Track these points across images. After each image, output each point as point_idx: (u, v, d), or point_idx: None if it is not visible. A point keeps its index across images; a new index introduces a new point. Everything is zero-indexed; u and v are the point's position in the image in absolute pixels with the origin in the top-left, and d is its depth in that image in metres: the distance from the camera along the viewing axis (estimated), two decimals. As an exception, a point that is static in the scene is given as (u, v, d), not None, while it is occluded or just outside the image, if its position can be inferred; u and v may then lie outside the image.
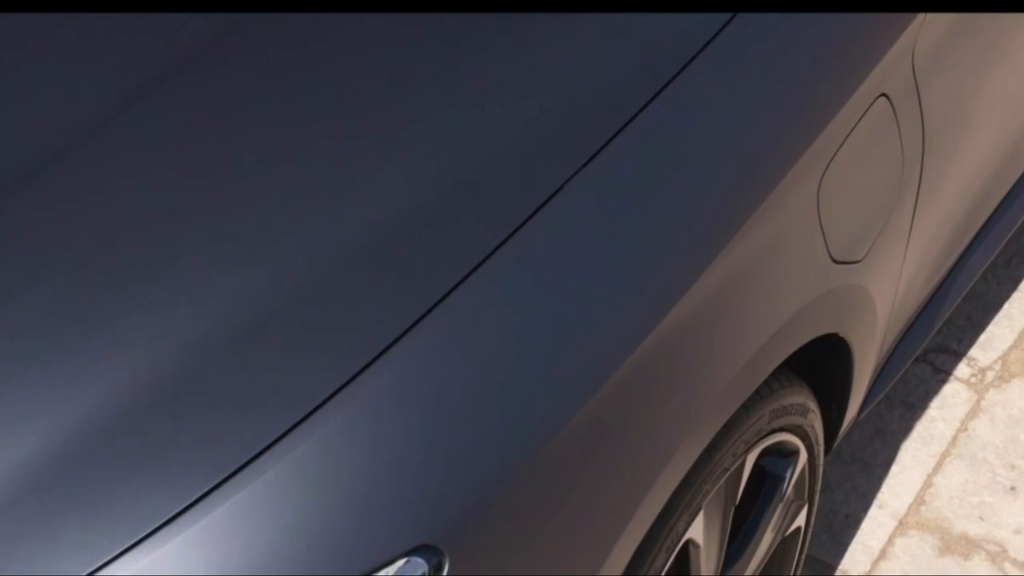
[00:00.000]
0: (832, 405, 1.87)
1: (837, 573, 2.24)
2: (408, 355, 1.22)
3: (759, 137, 1.47)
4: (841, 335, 1.66)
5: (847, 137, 1.54)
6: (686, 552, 1.53)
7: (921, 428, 2.49)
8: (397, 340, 1.22)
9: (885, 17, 1.59)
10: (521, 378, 1.25)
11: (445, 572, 1.17)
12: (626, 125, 1.41)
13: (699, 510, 1.49)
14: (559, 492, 1.26)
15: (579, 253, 1.33)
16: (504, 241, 1.30)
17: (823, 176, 1.50)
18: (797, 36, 1.52)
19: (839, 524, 2.32)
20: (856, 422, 2.05)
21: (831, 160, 1.51)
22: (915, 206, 1.77)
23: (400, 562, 1.16)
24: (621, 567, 1.34)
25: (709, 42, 1.46)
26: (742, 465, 1.57)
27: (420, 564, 1.16)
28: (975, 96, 1.87)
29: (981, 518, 2.33)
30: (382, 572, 1.15)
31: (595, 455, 1.29)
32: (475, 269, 1.27)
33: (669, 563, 1.46)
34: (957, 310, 2.67)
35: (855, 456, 2.44)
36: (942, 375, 2.61)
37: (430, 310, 1.24)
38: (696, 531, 1.51)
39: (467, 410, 1.22)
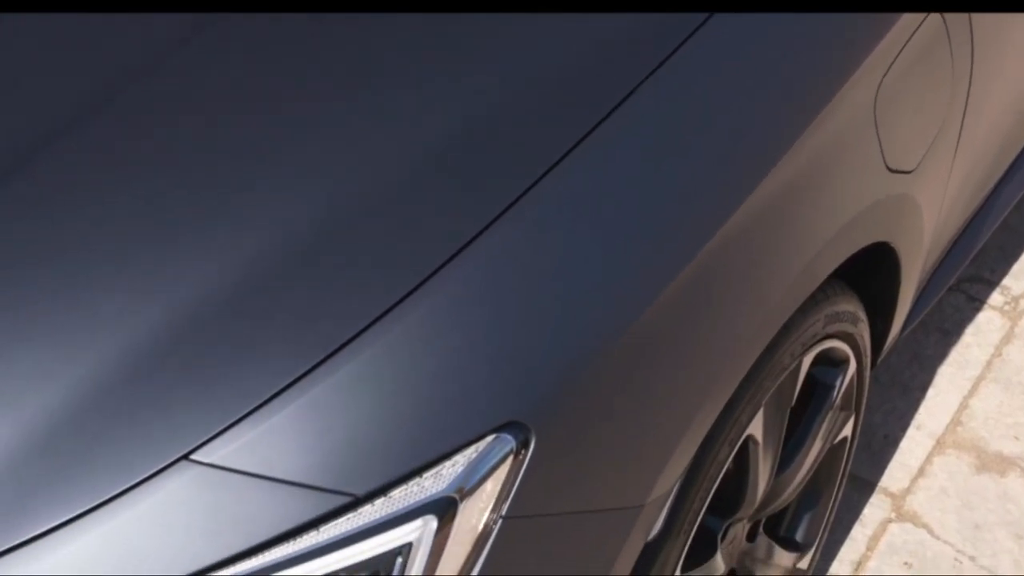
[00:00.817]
0: (877, 320, 1.92)
1: (878, 489, 2.31)
2: (488, 250, 1.28)
3: (818, 47, 1.52)
4: (891, 244, 1.71)
5: (902, 49, 1.59)
6: (746, 448, 1.59)
7: (956, 353, 2.55)
8: (478, 235, 1.28)
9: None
10: (594, 275, 1.31)
11: (531, 447, 1.24)
12: (685, 41, 1.46)
13: (759, 407, 1.55)
14: (634, 381, 1.32)
15: (645, 162, 1.38)
16: (571, 150, 1.35)
17: (880, 85, 1.55)
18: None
19: (878, 444, 2.39)
20: (899, 340, 2.11)
21: (887, 70, 1.56)
22: (962, 123, 1.82)
23: (489, 438, 1.22)
24: (690, 455, 1.41)
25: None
26: (798, 367, 1.63)
27: (508, 440, 1.23)
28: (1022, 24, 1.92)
29: (1016, 438, 2.40)
30: (472, 447, 1.22)
31: (665, 348, 1.35)
32: (544, 175, 1.33)
33: (731, 456, 1.53)
34: (990, 241, 2.73)
35: (893, 380, 2.50)
36: (976, 303, 2.67)
37: (505, 210, 1.30)
38: (756, 428, 1.57)
39: (547, 300, 1.28)
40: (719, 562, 1.68)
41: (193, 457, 1.18)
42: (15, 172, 1.38)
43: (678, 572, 1.53)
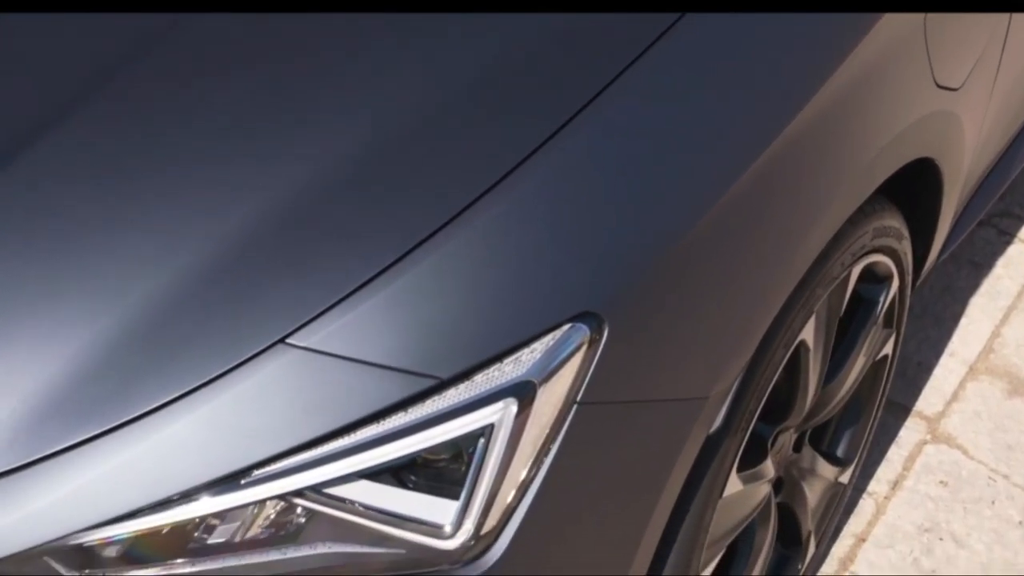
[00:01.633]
0: (917, 242, 1.98)
1: (913, 413, 2.37)
2: (565, 149, 1.33)
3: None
4: (936, 161, 1.77)
5: (950, -33, 1.64)
6: (798, 354, 1.65)
7: (988, 284, 2.61)
8: (554, 135, 1.33)
9: None
10: (663, 177, 1.36)
11: (604, 337, 1.30)
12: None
13: (811, 313, 1.61)
14: (699, 279, 1.38)
15: (709, 73, 1.44)
16: (641, 55, 1.41)
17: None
18: None
19: (913, 371, 2.45)
20: (935, 265, 2.17)
21: (936, -13, 1.62)
22: (1003, 46, 1.87)
23: (565, 327, 1.28)
24: (749, 352, 1.47)
25: None
26: (847, 278, 1.69)
27: (583, 329, 1.29)
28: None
29: (1047, 364, 2.46)
30: (550, 335, 1.28)
31: (727, 250, 1.40)
32: (616, 78, 1.38)
33: (786, 358, 1.59)
34: (1019, 177, 2.78)
35: (926, 310, 2.56)
36: (1006, 237, 2.72)
37: (580, 111, 1.36)
38: (808, 333, 1.63)
39: (619, 200, 1.33)
40: (769, 467, 1.74)
41: (289, 341, 1.24)
42: (100, 90, 1.44)
43: (734, 472, 1.60)
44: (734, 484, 1.61)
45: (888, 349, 1.99)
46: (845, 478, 2.07)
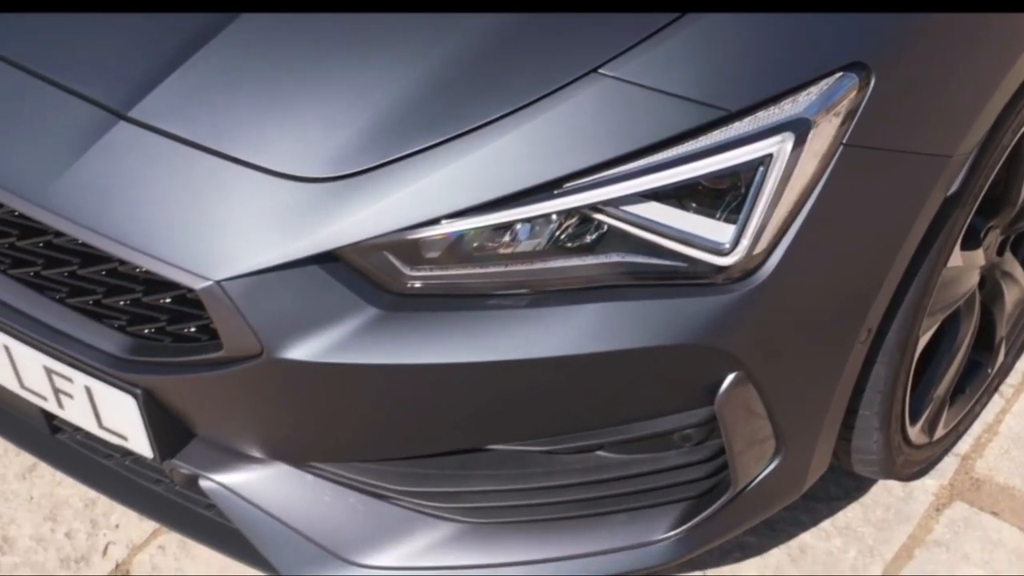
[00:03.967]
0: None
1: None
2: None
3: None
4: None
5: None
6: (1019, 150, 1.80)
7: None
8: None
9: None
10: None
11: (871, 86, 1.46)
12: None
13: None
14: (953, 47, 1.55)
15: None
16: None
17: None
18: None
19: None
20: None
21: None
22: None
23: (838, 74, 1.45)
24: (988, 124, 1.63)
25: None
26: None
27: (853, 77, 1.46)
28: None
29: None
30: (824, 80, 1.45)
31: (978, 28, 1.57)
32: None
33: (1013, 144, 1.74)
34: None
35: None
36: None
37: None
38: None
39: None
40: (980, 255, 1.89)
41: (602, 71, 1.43)
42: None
43: (957, 245, 1.75)
44: (956, 258, 1.76)
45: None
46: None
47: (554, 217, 1.45)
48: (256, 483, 1.68)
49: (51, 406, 1.70)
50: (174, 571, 1.99)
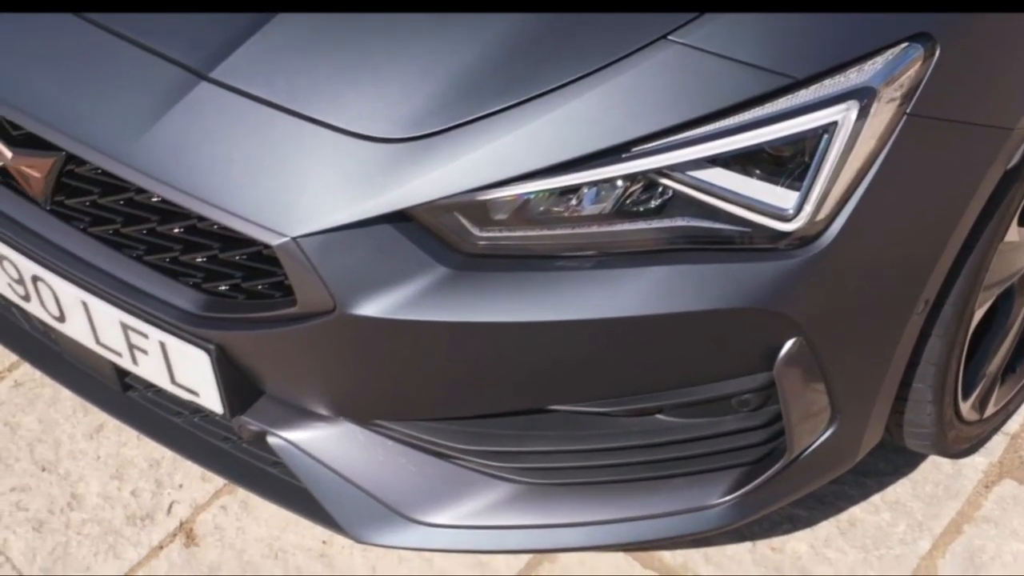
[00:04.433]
0: None
1: None
2: None
3: None
4: None
5: None
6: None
7: None
8: None
9: None
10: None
11: (935, 57, 1.49)
12: None
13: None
14: (1010, 25, 1.57)
15: None
16: None
17: None
18: None
19: None
20: None
21: None
22: None
23: (903, 44, 1.48)
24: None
25: None
26: None
27: (918, 47, 1.48)
28: None
29: None
30: (889, 51, 1.48)
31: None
32: None
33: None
34: None
35: None
36: None
37: None
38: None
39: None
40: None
41: (671, 37, 1.46)
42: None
43: (1015, 220, 1.78)
44: (1013, 233, 1.79)
45: None
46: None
47: (620, 182, 1.49)
48: (321, 440, 1.73)
49: (125, 362, 1.75)
50: (235, 530, 2.04)
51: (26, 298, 1.77)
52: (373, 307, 1.52)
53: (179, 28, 1.58)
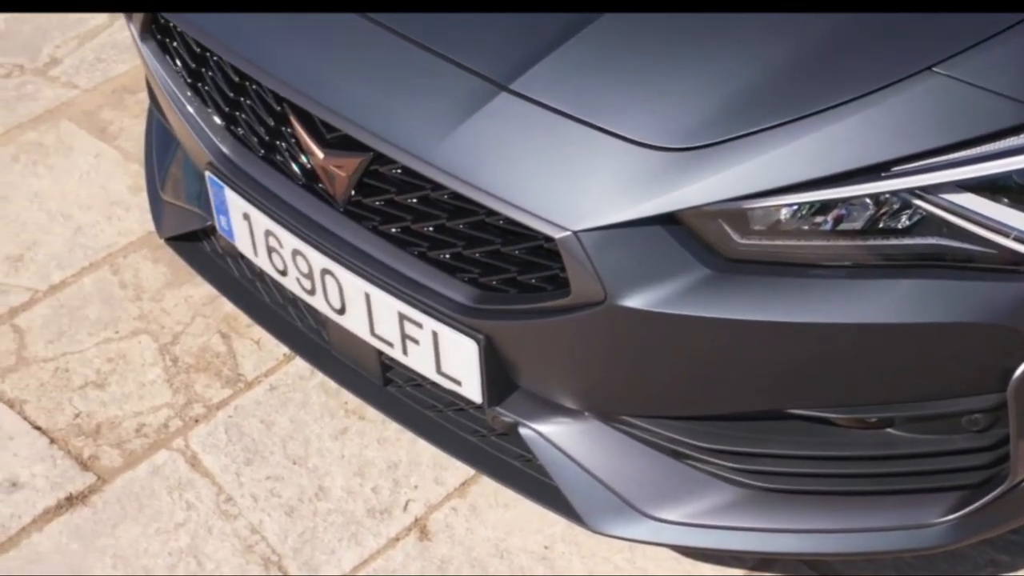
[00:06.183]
0: None
1: None
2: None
3: None
4: None
5: None
6: None
7: None
8: None
9: None
10: None
11: None
12: None
13: None
14: None
15: None
16: None
17: None
18: None
19: None
20: None
21: None
22: None
23: None
24: None
25: None
26: None
27: None
28: None
29: None
30: None
31: None
32: None
33: None
34: None
35: None
36: None
37: None
38: None
39: None
40: None
41: (936, 69, 1.62)
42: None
43: None
44: None
45: None
46: None
47: (871, 200, 1.63)
48: (568, 434, 1.88)
49: (395, 352, 1.93)
50: (464, 530, 2.19)
51: (311, 292, 1.98)
52: (639, 300, 1.67)
53: (481, 44, 1.78)
